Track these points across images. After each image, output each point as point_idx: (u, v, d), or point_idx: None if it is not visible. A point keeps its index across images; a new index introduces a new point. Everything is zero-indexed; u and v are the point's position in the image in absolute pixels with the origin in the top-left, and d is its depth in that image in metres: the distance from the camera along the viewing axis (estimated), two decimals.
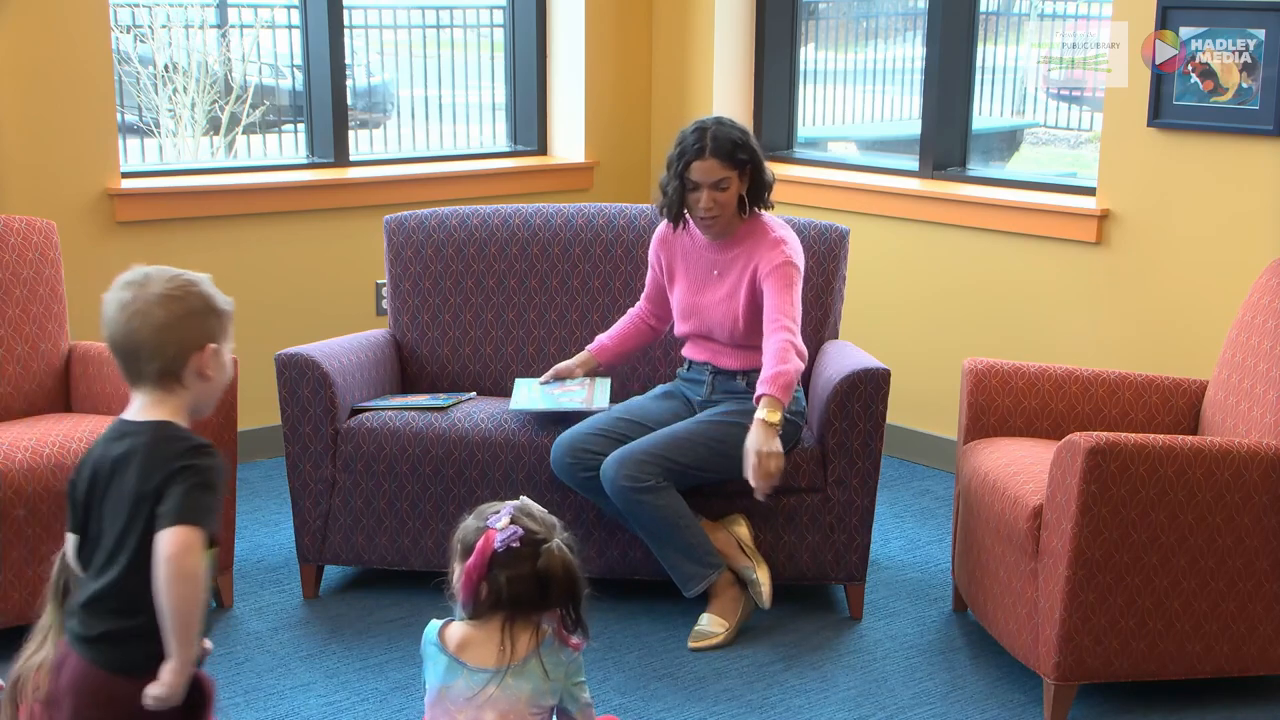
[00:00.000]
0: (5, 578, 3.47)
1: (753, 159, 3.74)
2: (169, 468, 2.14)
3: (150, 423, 2.22)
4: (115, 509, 2.17)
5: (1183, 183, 4.36)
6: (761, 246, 3.72)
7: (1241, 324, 3.63)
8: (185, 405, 2.27)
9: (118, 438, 2.22)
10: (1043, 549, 3.30)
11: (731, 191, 3.70)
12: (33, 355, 3.95)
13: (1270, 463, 3.23)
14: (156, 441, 2.18)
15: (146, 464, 2.16)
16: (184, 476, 2.13)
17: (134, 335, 2.22)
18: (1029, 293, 4.77)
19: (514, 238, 4.27)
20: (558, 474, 3.71)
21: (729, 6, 5.50)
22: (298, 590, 3.99)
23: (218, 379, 2.31)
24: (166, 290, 2.24)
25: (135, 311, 2.23)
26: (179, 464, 2.14)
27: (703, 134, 3.69)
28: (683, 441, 3.64)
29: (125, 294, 2.24)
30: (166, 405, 2.24)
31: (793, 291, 3.67)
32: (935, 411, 4.97)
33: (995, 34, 5.51)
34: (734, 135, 3.71)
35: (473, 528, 2.56)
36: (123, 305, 2.23)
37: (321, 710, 3.37)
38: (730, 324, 3.76)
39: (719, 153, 3.67)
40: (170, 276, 2.27)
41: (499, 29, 5.84)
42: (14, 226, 3.97)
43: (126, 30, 5.67)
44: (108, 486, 2.19)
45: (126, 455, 2.19)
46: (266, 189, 5.02)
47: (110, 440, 2.23)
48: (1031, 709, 3.39)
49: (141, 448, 2.18)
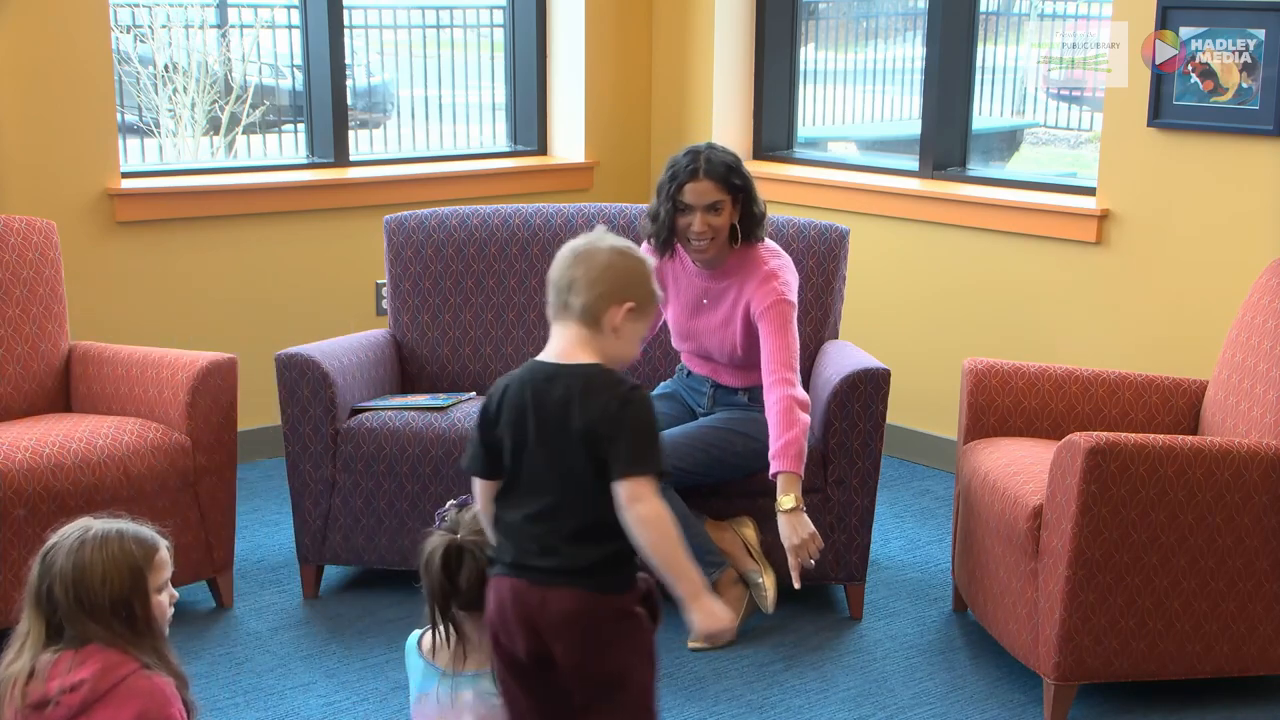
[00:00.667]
0: (5, 578, 3.48)
1: (746, 186, 3.64)
2: (612, 413, 2.29)
3: (581, 365, 2.35)
4: (564, 449, 2.31)
5: (1183, 183, 4.36)
6: (753, 280, 3.63)
7: (1241, 324, 3.63)
8: (600, 352, 2.38)
9: (548, 379, 2.34)
10: (1043, 549, 3.29)
11: (725, 216, 3.61)
12: (33, 355, 3.95)
13: (1270, 463, 3.23)
14: (594, 384, 2.32)
15: (588, 406, 2.30)
16: (630, 424, 2.29)
17: (571, 270, 2.39)
18: (1029, 293, 4.77)
19: (514, 238, 4.27)
20: None
21: (729, 6, 5.50)
22: (298, 590, 3.99)
23: (625, 344, 2.42)
24: (618, 246, 2.42)
25: (585, 253, 2.40)
26: (623, 412, 2.29)
27: (696, 156, 3.61)
28: (681, 446, 3.64)
29: (581, 240, 2.43)
30: (589, 347, 2.37)
31: (788, 334, 3.57)
32: (935, 411, 4.97)
33: (995, 34, 5.51)
34: (727, 159, 3.62)
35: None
36: (575, 247, 2.41)
37: (321, 710, 3.37)
38: (729, 349, 3.73)
39: (713, 174, 3.58)
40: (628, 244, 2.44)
41: (499, 29, 5.84)
42: (14, 226, 3.97)
43: (126, 30, 5.67)
44: (550, 428, 2.32)
45: (565, 398, 2.32)
46: (266, 189, 5.02)
47: (541, 382, 2.35)
48: (1031, 709, 3.39)
49: (579, 391, 2.31)
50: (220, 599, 3.90)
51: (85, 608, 2.31)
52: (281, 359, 3.85)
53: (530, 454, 2.35)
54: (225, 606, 3.89)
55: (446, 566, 2.49)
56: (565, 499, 2.33)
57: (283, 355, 3.86)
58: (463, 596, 2.49)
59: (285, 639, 3.73)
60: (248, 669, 3.56)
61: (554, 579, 2.32)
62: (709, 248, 3.63)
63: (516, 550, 2.36)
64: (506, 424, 2.37)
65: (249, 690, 3.45)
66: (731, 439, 3.66)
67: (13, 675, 2.32)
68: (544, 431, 2.34)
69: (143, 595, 2.35)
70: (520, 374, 2.40)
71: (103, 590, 2.31)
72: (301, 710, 3.37)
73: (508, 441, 2.37)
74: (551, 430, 2.33)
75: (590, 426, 2.30)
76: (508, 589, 2.36)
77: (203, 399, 3.76)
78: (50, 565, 2.34)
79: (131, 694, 2.29)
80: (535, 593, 2.33)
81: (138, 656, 2.32)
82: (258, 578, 4.09)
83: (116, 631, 2.32)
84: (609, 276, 2.38)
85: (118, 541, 2.35)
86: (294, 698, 3.42)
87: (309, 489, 3.89)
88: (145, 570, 2.36)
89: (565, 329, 2.40)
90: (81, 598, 2.31)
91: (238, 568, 4.03)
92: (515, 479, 2.38)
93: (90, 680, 2.28)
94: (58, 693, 2.28)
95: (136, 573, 2.35)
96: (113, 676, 2.29)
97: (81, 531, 2.36)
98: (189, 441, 3.76)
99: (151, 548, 2.38)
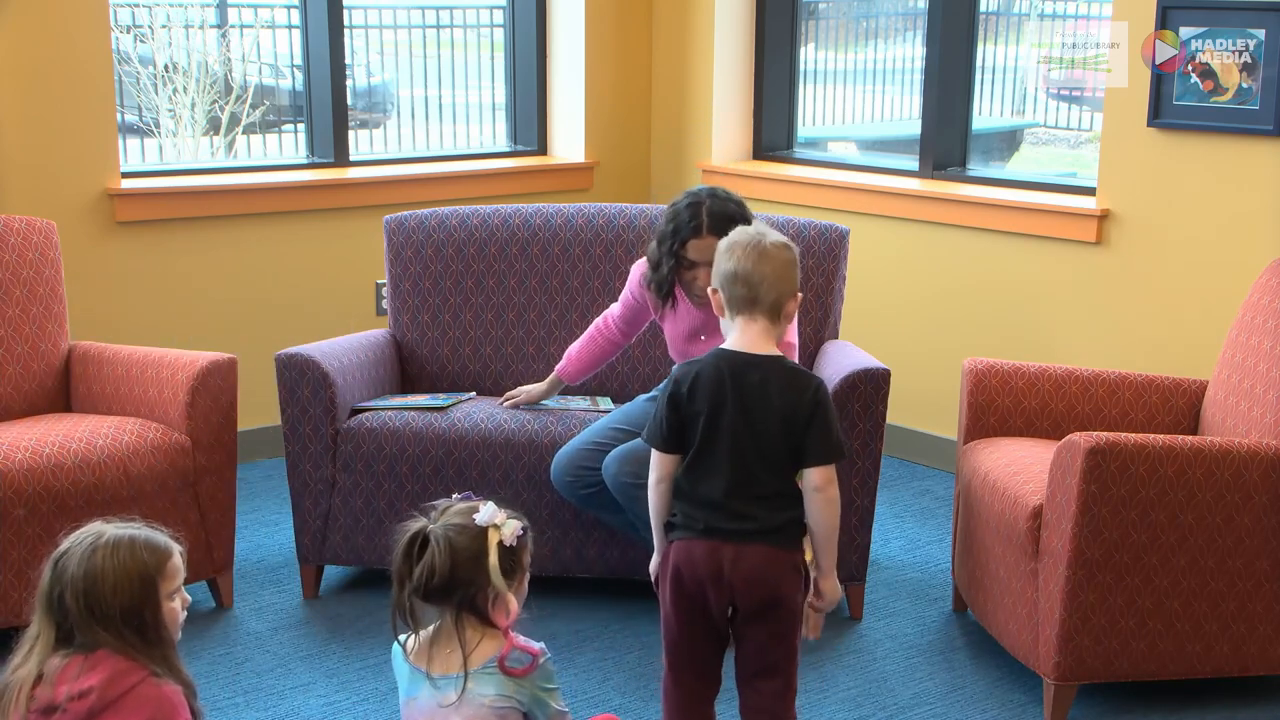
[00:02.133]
0: (5, 578, 3.48)
1: None
2: (808, 405, 2.68)
3: (774, 357, 2.72)
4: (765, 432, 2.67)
5: (1183, 183, 4.36)
6: None
7: (1241, 324, 3.63)
8: (776, 340, 2.75)
9: (745, 367, 2.69)
10: (1043, 549, 3.29)
11: None
12: (33, 355, 3.95)
13: (1270, 463, 3.23)
14: (789, 377, 2.71)
15: (788, 399, 2.68)
16: (821, 417, 2.69)
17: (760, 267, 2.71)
18: (1029, 293, 4.77)
19: (514, 238, 4.27)
20: (559, 491, 3.71)
21: (729, 6, 5.50)
22: (298, 590, 3.99)
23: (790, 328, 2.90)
24: (784, 241, 2.76)
25: (768, 250, 2.72)
26: (816, 404, 2.69)
27: (698, 209, 3.47)
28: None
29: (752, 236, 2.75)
30: (769, 337, 2.73)
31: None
32: (935, 411, 4.97)
33: (995, 34, 5.51)
34: (729, 209, 3.47)
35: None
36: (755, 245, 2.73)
37: (321, 710, 3.37)
38: None
39: (716, 230, 3.33)
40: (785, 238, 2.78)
41: (499, 29, 5.84)
42: (14, 226, 3.97)
43: (126, 30, 5.67)
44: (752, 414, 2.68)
45: (763, 385, 2.68)
46: (266, 189, 5.02)
47: (740, 370, 2.69)
48: (1031, 709, 3.39)
49: (775, 381, 2.69)
50: (220, 599, 3.90)
51: (96, 616, 2.30)
52: (281, 359, 3.85)
53: (729, 434, 2.68)
54: (225, 606, 3.89)
55: (409, 552, 2.47)
56: (761, 473, 2.69)
57: (283, 355, 3.86)
58: (414, 583, 2.45)
59: (285, 639, 3.73)
60: (248, 669, 3.56)
61: (749, 538, 2.68)
62: (705, 298, 3.52)
63: (708, 515, 2.70)
64: (704, 407, 2.69)
65: (249, 690, 3.45)
66: None
67: (20, 680, 2.30)
68: (746, 416, 2.68)
69: (154, 604, 2.34)
70: (714, 362, 2.71)
71: (113, 599, 2.30)
72: (301, 710, 3.37)
73: (703, 422, 2.69)
74: (754, 415, 2.68)
75: (790, 415, 2.68)
76: (701, 549, 2.69)
77: (203, 399, 3.76)
78: (62, 572, 2.32)
79: (140, 702, 2.28)
80: (730, 549, 2.68)
81: (147, 664, 2.31)
82: (258, 578, 4.09)
83: (127, 639, 2.31)
84: (788, 273, 2.74)
85: (129, 549, 2.34)
86: (294, 698, 3.42)
87: (309, 489, 3.89)
88: (157, 578, 2.35)
89: (753, 322, 2.73)
90: (92, 606, 2.30)
91: (238, 568, 4.04)
92: (708, 455, 2.70)
93: (99, 687, 2.26)
94: (65, 699, 2.26)
95: (148, 581, 2.34)
96: (121, 684, 2.28)
97: (94, 538, 2.34)
98: (189, 441, 3.76)
99: (164, 554, 2.37)
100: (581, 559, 3.84)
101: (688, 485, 2.74)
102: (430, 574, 2.44)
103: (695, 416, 2.70)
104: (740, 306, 2.73)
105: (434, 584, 2.44)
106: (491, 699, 2.46)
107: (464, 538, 2.47)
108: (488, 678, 2.47)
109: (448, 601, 2.47)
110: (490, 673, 2.47)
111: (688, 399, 2.71)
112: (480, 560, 2.46)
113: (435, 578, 2.44)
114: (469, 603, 2.47)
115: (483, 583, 2.46)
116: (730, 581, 2.69)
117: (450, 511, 2.52)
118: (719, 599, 2.71)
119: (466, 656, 2.46)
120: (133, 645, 2.31)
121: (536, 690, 2.50)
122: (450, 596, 2.46)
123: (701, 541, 2.70)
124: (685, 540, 2.72)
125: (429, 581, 2.44)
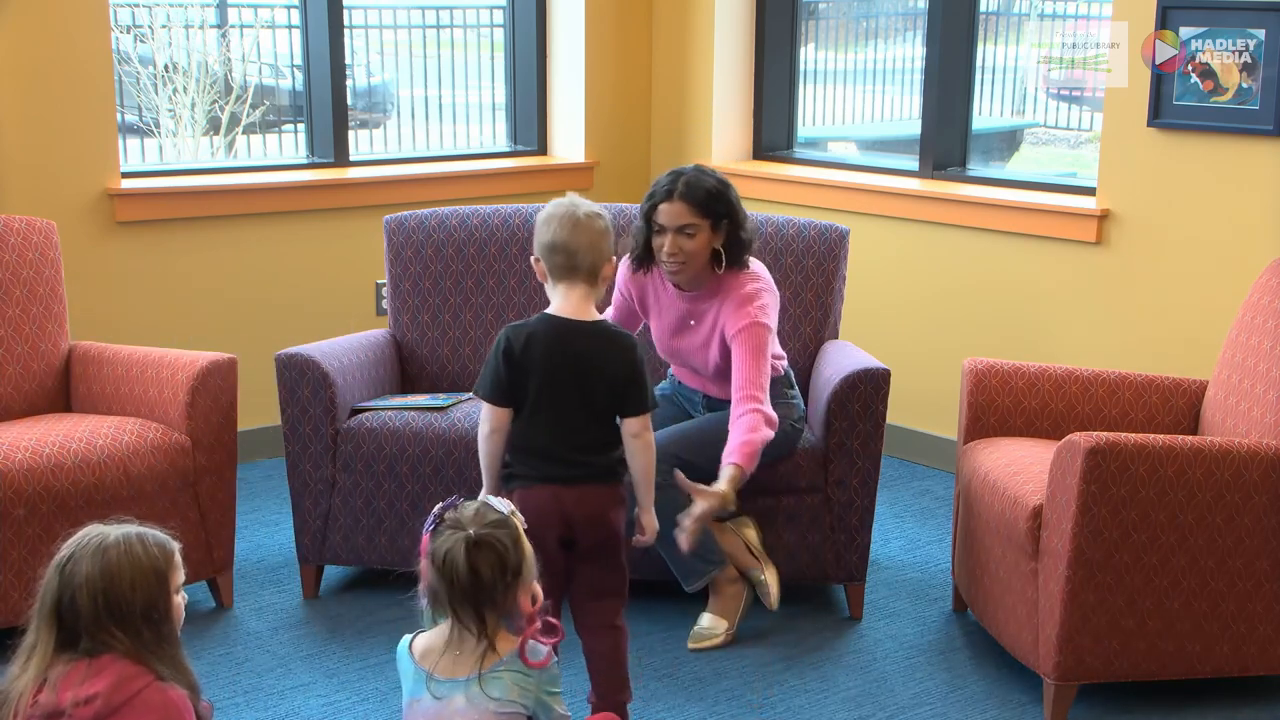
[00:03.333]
0: (5, 578, 3.48)
1: (730, 213, 3.55)
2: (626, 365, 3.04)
3: (595, 322, 3.07)
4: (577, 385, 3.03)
5: (1183, 183, 4.36)
6: (730, 302, 3.57)
7: (1241, 324, 3.63)
8: (593, 302, 3.08)
9: (572, 333, 3.03)
10: (1043, 549, 3.30)
11: (699, 240, 3.53)
12: (33, 355, 3.95)
13: (1270, 463, 3.23)
14: (608, 341, 3.07)
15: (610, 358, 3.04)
16: (639, 375, 3.05)
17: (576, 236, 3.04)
18: (1029, 293, 4.77)
19: (514, 238, 4.27)
20: None
21: (729, 6, 5.50)
22: (298, 590, 3.99)
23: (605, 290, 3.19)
24: (597, 210, 3.09)
25: (581, 220, 3.05)
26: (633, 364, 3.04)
27: (676, 179, 3.55)
28: (692, 440, 3.63)
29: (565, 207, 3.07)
30: (589, 300, 3.07)
31: (761, 357, 3.52)
32: (935, 411, 4.97)
33: (995, 34, 5.52)
34: (708, 184, 3.53)
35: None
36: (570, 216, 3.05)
37: (321, 710, 3.37)
38: (714, 367, 3.69)
39: (688, 197, 3.50)
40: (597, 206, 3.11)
41: (499, 29, 5.84)
42: (14, 226, 3.97)
43: (126, 30, 5.67)
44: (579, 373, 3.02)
45: (589, 348, 3.04)
46: (266, 189, 5.02)
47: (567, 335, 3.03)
48: (1031, 709, 3.39)
49: (599, 345, 3.05)
50: (220, 599, 3.90)
51: (115, 615, 2.28)
52: (281, 359, 3.85)
53: (563, 393, 3.03)
54: (225, 606, 3.89)
55: (470, 560, 2.46)
56: (590, 425, 3.06)
57: (283, 355, 3.86)
58: (487, 588, 2.46)
59: (285, 639, 3.73)
60: (248, 669, 3.56)
61: (586, 480, 3.05)
62: (680, 270, 3.57)
63: (546, 465, 3.04)
64: (537, 368, 3.02)
65: (249, 690, 3.45)
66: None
67: (20, 689, 2.28)
68: (576, 377, 3.03)
69: (166, 598, 2.34)
70: (543, 327, 3.04)
71: (132, 595, 2.29)
72: (301, 710, 3.37)
73: (536, 380, 3.02)
74: (583, 376, 3.03)
75: (613, 374, 3.03)
76: (545, 494, 3.02)
77: (203, 399, 3.76)
78: (71, 575, 2.29)
79: (146, 708, 2.27)
80: (571, 492, 3.03)
81: (154, 666, 2.30)
82: (258, 578, 4.09)
83: (143, 638, 2.30)
84: (602, 241, 3.06)
85: (140, 545, 2.33)
86: (294, 698, 3.42)
87: (309, 489, 3.89)
88: (168, 572, 2.35)
89: (574, 287, 3.05)
90: (111, 605, 2.28)
91: (238, 568, 4.04)
92: (541, 409, 3.04)
93: (104, 693, 2.25)
94: (70, 705, 2.25)
95: (161, 576, 2.34)
96: (127, 690, 2.27)
97: (100, 538, 2.33)
98: (189, 441, 3.76)
99: (170, 550, 2.37)
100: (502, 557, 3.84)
101: (525, 439, 3.07)
102: (501, 573, 2.46)
103: (529, 376, 3.03)
104: (561, 274, 3.06)
105: (509, 578, 2.47)
106: (497, 702, 2.47)
107: (504, 532, 2.51)
108: (495, 681, 2.48)
109: (500, 600, 2.48)
110: (498, 676, 2.48)
111: (521, 358, 3.02)
112: (521, 546, 2.52)
113: (507, 575, 2.47)
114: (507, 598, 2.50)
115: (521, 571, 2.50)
116: (574, 521, 3.03)
117: (468, 518, 2.52)
118: (561, 536, 3.02)
119: (484, 656, 2.47)
120: (147, 644, 2.30)
121: (541, 694, 2.51)
122: (506, 594, 2.48)
123: (543, 488, 3.02)
124: (526, 488, 3.03)
125: (499, 581, 2.46)
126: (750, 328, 3.53)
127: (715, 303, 3.63)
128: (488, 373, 3.07)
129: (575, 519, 3.04)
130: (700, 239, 3.53)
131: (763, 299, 3.59)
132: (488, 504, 2.56)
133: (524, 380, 3.03)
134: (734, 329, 3.54)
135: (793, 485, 3.76)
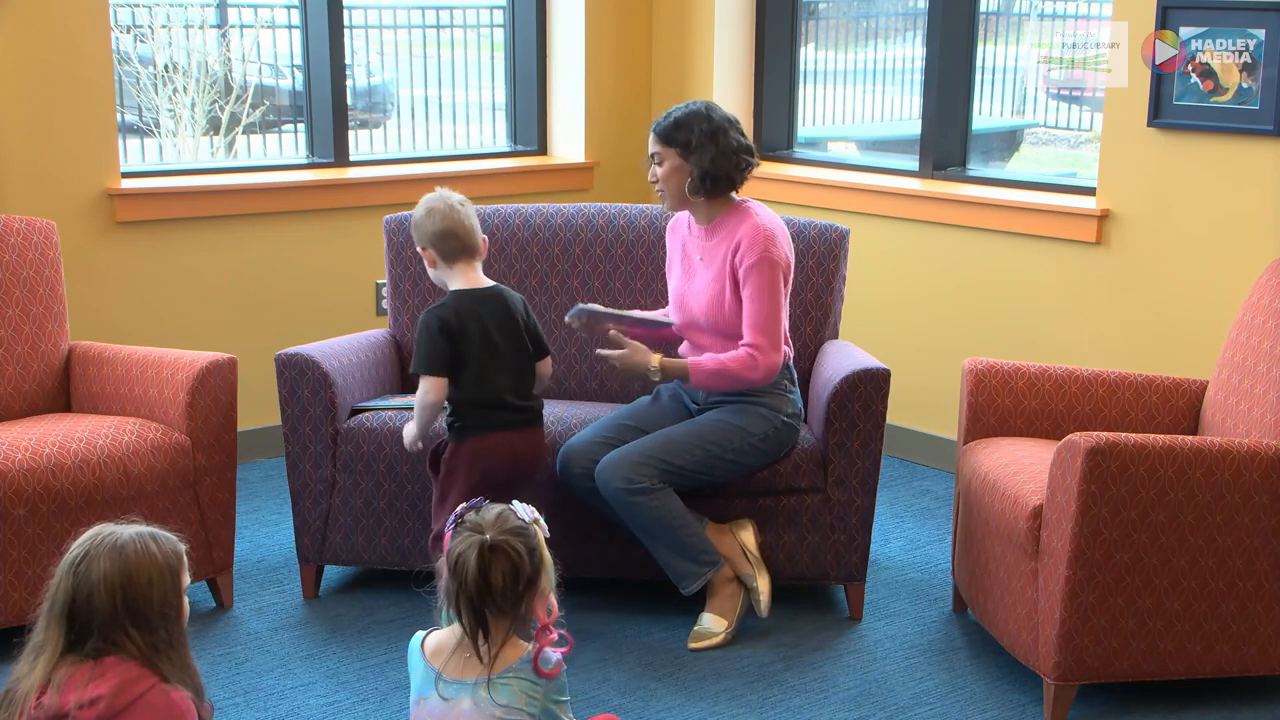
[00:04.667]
0: (5, 578, 3.48)
1: (692, 141, 3.64)
2: (524, 312, 3.53)
3: (495, 286, 3.53)
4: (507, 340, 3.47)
5: (1183, 183, 4.36)
6: (741, 234, 3.63)
7: (1241, 324, 3.63)
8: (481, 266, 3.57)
9: (488, 299, 3.48)
10: (1043, 549, 3.30)
11: (667, 168, 3.69)
12: (33, 355, 3.95)
13: (1270, 463, 3.23)
14: (509, 296, 3.52)
15: (518, 311, 3.50)
16: (533, 318, 3.57)
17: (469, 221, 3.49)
18: (1029, 293, 4.77)
19: (514, 238, 4.27)
20: (565, 482, 3.71)
21: (729, 6, 5.50)
22: (298, 590, 3.99)
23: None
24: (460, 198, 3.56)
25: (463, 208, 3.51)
26: (527, 311, 3.55)
27: (670, 113, 3.74)
28: (678, 444, 3.64)
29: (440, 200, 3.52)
30: (481, 270, 3.54)
31: (771, 297, 3.59)
32: (935, 411, 4.97)
33: (995, 34, 5.51)
34: (680, 115, 3.70)
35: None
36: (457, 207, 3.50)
37: (321, 710, 3.37)
38: (715, 315, 3.69)
39: (655, 128, 3.72)
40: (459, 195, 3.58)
41: (499, 29, 5.84)
42: (14, 226, 3.97)
43: (126, 30, 5.67)
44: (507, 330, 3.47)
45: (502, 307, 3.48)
46: (266, 189, 5.02)
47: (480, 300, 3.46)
48: (1031, 709, 3.39)
49: (504, 304, 3.49)
50: (220, 599, 3.90)
51: (132, 613, 2.28)
52: (281, 359, 3.85)
53: (498, 349, 3.46)
54: (225, 606, 3.89)
55: (482, 565, 2.46)
56: (525, 371, 3.52)
57: (283, 355, 3.86)
58: (497, 595, 2.46)
59: (285, 639, 3.73)
60: (248, 669, 3.56)
61: (531, 423, 3.55)
62: (662, 195, 3.76)
63: (497, 411, 3.46)
64: (474, 334, 3.43)
65: (249, 690, 3.45)
66: (729, 435, 3.65)
67: (25, 690, 2.28)
68: (503, 333, 3.47)
69: (179, 598, 2.35)
70: (466, 302, 3.45)
71: (150, 594, 2.29)
72: (301, 710, 3.37)
73: (474, 347, 3.43)
74: (507, 331, 3.47)
75: (525, 323, 3.51)
76: (500, 437, 3.46)
77: (203, 399, 3.76)
78: (85, 575, 2.29)
79: (149, 710, 2.27)
80: (523, 435, 3.52)
81: (161, 668, 2.30)
82: (258, 578, 4.09)
83: (157, 637, 2.30)
84: (477, 221, 3.54)
85: (155, 543, 2.33)
86: (294, 698, 3.42)
87: (309, 489, 3.89)
88: (180, 572, 2.35)
89: (472, 263, 3.51)
90: (129, 603, 2.28)
91: (238, 568, 4.04)
92: (487, 367, 3.44)
93: (108, 696, 2.25)
94: (74, 707, 2.24)
95: (175, 575, 2.34)
96: (130, 692, 2.26)
97: (113, 537, 2.33)
98: (189, 441, 3.76)
99: (180, 550, 2.38)
100: (581, 558, 3.84)
101: (475, 393, 3.45)
102: (513, 581, 2.46)
103: (469, 343, 3.42)
104: (457, 255, 3.48)
105: (520, 587, 2.47)
106: (504, 709, 2.47)
107: (522, 539, 2.51)
108: (504, 687, 2.48)
109: (508, 608, 2.48)
110: (506, 682, 2.48)
111: (459, 331, 3.41)
112: (538, 555, 2.52)
113: (519, 583, 2.47)
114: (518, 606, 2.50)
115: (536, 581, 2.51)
116: (521, 459, 3.49)
117: (489, 522, 2.52)
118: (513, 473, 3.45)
119: (494, 658, 2.47)
120: (159, 644, 2.30)
121: (548, 702, 2.51)
122: (517, 602, 2.48)
123: (497, 434, 3.45)
124: (483, 436, 3.45)
125: (510, 589, 2.46)
126: (761, 263, 3.60)
127: (724, 236, 3.70)
128: (425, 351, 3.42)
129: (523, 457, 3.49)
130: (668, 166, 3.71)
131: (777, 243, 3.65)
132: (511, 509, 2.56)
133: (463, 349, 3.42)
134: (746, 264, 3.62)
135: (793, 485, 3.76)
